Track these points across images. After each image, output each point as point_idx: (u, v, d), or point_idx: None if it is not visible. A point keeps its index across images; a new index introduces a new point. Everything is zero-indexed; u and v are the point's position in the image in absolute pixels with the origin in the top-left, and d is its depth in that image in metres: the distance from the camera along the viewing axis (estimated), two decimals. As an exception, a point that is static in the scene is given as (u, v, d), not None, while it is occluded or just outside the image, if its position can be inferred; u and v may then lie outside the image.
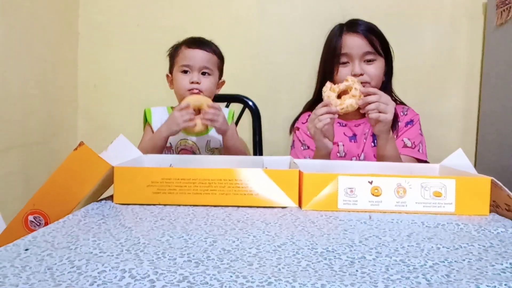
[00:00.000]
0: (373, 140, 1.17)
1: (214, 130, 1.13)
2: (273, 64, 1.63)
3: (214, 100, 1.34)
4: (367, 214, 0.69)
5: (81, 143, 0.72)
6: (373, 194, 0.71)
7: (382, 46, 1.15)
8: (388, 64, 1.18)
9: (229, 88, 1.30)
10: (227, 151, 1.15)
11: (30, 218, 0.71)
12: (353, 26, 1.16)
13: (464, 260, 0.49)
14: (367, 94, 0.98)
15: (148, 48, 1.64)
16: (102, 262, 0.45)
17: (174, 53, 1.21)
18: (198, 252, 0.50)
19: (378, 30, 1.17)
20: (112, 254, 0.48)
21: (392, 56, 1.20)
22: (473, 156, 1.56)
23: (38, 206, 0.71)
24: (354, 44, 1.13)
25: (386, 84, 1.19)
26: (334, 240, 0.55)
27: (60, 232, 0.57)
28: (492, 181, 0.70)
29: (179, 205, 0.72)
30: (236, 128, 1.31)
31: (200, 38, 1.20)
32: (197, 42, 1.18)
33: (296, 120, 1.27)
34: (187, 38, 1.21)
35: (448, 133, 1.60)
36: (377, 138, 1.05)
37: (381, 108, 0.96)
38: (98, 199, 0.77)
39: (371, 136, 1.18)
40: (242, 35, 1.63)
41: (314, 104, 1.12)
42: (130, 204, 0.73)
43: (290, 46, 1.62)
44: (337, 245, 0.53)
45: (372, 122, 1.00)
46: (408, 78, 1.56)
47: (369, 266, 0.46)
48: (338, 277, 0.43)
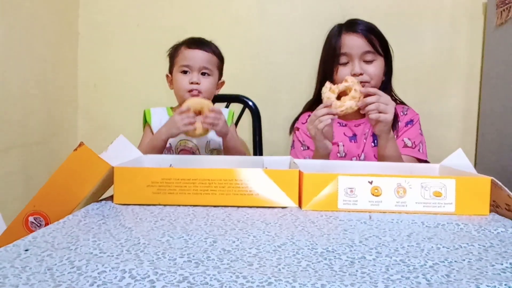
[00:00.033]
0: (373, 140, 1.17)
1: (214, 132, 1.13)
2: (273, 64, 1.63)
3: (214, 100, 1.34)
4: (367, 214, 0.69)
5: (81, 144, 0.72)
6: (373, 194, 0.71)
7: (381, 45, 1.15)
8: (387, 63, 1.18)
9: (229, 88, 1.30)
10: (227, 152, 1.15)
11: (31, 219, 0.71)
12: (352, 25, 1.16)
13: (464, 260, 0.49)
14: (367, 95, 0.98)
15: (148, 48, 1.64)
16: (102, 262, 0.45)
17: (174, 53, 1.21)
18: (198, 252, 0.50)
19: (377, 29, 1.17)
20: (112, 255, 0.48)
21: (391, 55, 1.19)
22: (473, 156, 1.56)
23: (38, 207, 0.71)
24: (354, 43, 1.13)
25: (386, 84, 1.19)
26: (334, 240, 0.55)
27: (60, 232, 0.57)
28: (492, 181, 0.70)
29: (179, 205, 0.72)
30: (235, 128, 1.31)
31: (200, 39, 1.20)
32: (197, 43, 1.18)
33: (296, 120, 1.27)
34: (187, 38, 1.21)
35: (448, 133, 1.60)
36: (378, 138, 1.05)
37: (381, 108, 0.96)
38: (98, 200, 0.77)
39: (371, 136, 1.18)
40: (242, 35, 1.63)
41: (314, 104, 1.12)
42: (130, 204, 0.73)
43: (290, 46, 1.62)
44: (337, 245, 0.53)
45: (372, 122, 1.00)
46: (408, 78, 1.56)
47: (369, 266, 0.46)
48: (338, 277, 0.43)
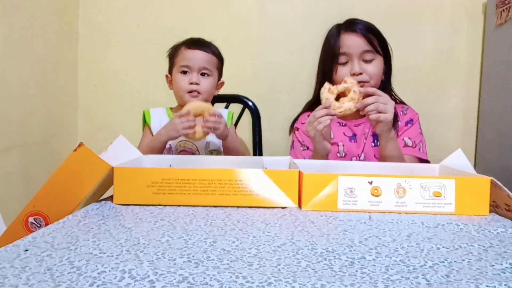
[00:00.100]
0: (373, 140, 1.17)
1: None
2: (273, 64, 1.63)
3: (213, 100, 1.34)
4: (367, 214, 0.69)
5: (80, 144, 0.72)
6: (373, 194, 0.71)
7: (380, 44, 1.15)
8: (387, 63, 1.18)
9: (229, 88, 1.30)
10: (227, 153, 1.15)
11: (31, 219, 0.71)
12: (351, 25, 1.16)
13: (464, 260, 0.49)
14: (367, 95, 0.99)
15: (148, 48, 1.64)
16: (102, 262, 0.45)
17: (173, 53, 1.21)
18: (198, 252, 0.50)
19: (376, 29, 1.17)
20: (112, 255, 0.48)
21: (391, 55, 1.19)
22: (473, 156, 1.56)
23: (38, 207, 0.71)
24: (353, 43, 1.13)
25: (385, 83, 1.19)
26: (334, 240, 0.55)
27: (60, 232, 0.57)
28: (492, 181, 0.70)
29: (179, 205, 0.72)
30: (235, 129, 1.31)
31: (199, 39, 1.20)
32: (196, 43, 1.18)
33: (295, 120, 1.27)
34: (187, 39, 1.21)
35: (448, 133, 1.60)
36: (379, 137, 1.05)
37: (380, 108, 0.97)
38: (98, 200, 0.77)
39: (372, 136, 1.18)
40: (242, 35, 1.63)
41: (314, 104, 1.12)
42: (130, 204, 0.73)
43: (290, 46, 1.62)
44: (337, 245, 0.53)
45: (373, 122, 1.00)
46: (408, 78, 1.56)
47: (369, 266, 0.46)
48: (338, 277, 0.43)
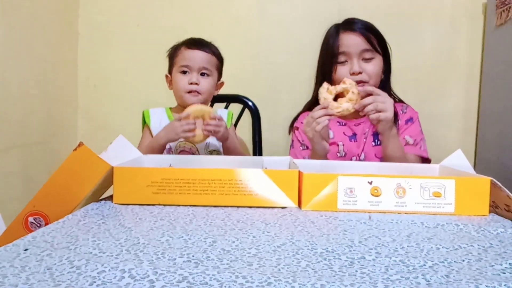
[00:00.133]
0: (374, 139, 1.17)
1: None
2: (273, 64, 1.63)
3: (213, 100, 1.34)
4: (367, 215, 0.69)
5: (80, 144, 0.72)
6: (372, 195, 0.71)
7: (379, 43, 1.15)
8: (386, 62, 1.18)
9: (229, 88, 1.30)
10: (227, 154, 1.15)
11: (30, 219, 0.71)
12: (350, 24, 1.16)
13: (463, 260, 0.49)
14: (366, 95, 0.99)
15: (148, 48, 1.64)
16: (102, 262, 0.45)
17: (173, 53, 1.21)
18: (198, 252, 0.50)
19: (375, 28, 1.16)
20: (111, 254, 0.48)
21: (390, 54, 1.19)
22: (473, 156, 1.56)
23: (38, 207, 0.71)
24: (352, 42, 1.13)
25: (385, 82, 1.19)
26: (333, 240, 0.55)
27: (59, 232, 0.57)
28: (491, 181, 0.70)
29: (179, 205, 0.72)
30: (235, 130, 1.31)
31: (199, 39, 1.20)
32: (196, 43, 1.18)
33: (295, 119, 1.27)
34: (187, 39, 1.21)
35: (448, 133, 1.60)
36: (381, 136, 1.05)
37: (379, 107, 0.97)
38: (98, 200, 0.77)
39: (372, 135, 1.18)
40: (242, 35, 1.63)
41: (313, 104, 1.12)
42: (129, 204, 0.73)
43: (290, 46, 1.62)
44: (336, 245, 0.53)
45: (374, 122, 1.00)
46: (408, 78, 1.56)
47: (368, 266, 0.46)
48: (337, 277, 0.43)
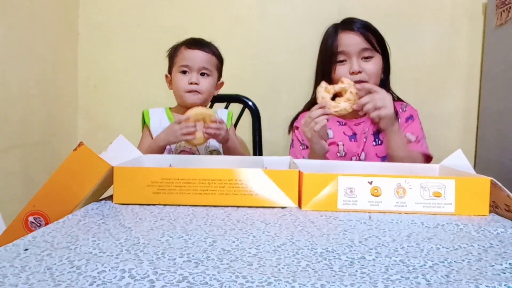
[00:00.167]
0: (374, 139, 1.17)
1: None
2: (273, 64, 1.63)
3: (213, 100, 1.34)
4: (367, 215, 0.69)
5: (80, 143, 0.72)
6: (372, 195, 0.71)
7: (378, 43, 1.15)
8: (385, 61, 1.18)
9: (229, 88, 1.30)
10: (227, 154, 1.15)
11: (30, 219, 0.71)
12: (348, 24, 1.16)
13: (463, 260, 0.49)
14: (367, 92, 0.99)
15: (148, 48, 1.64)
16: (102, 262, 0.45)
17: (173, 53, 1.21)
18: (198, 252, 0.50)
19: (374, 27, 1.16)
20: (111, 254, 0.48)
21: (389, 53, 1.19)
22: (473, 156, 1.56)
23: (38, 207, 0.71)
24: (351, 41, 1.13)
25: (384, 82, 1.19)
26: (333, 240, 0.55)
27: (59, 232, 0.57)
28: (491, 181, 0.70)
29: (179, 205, 0.72)
30: (234, 130, 1.31)
31: (199, 39, 1.20)
32: (196, 43, 1.18)
33: (295, 119, 1.27)
34: (187, 39, 1.21)
35: (448, 133, 1.60)
36: (385, 133, 1.05)
37: (378, 105, 0.97)
38: (98, 199, 0.77)
39: (372, 135, 1.18)
40: (242, 35, 1.63)
41: (313, 104, 1.12)
42: (130, 204, 0.73)
43: (290, 46, 1.62)
44: (336, 245, 0.53)
45: (375, 120, 1.00)
46: (408, 78, 1.56)
47: (368, 266, 0.46)
48: (337, 277, 0.43)
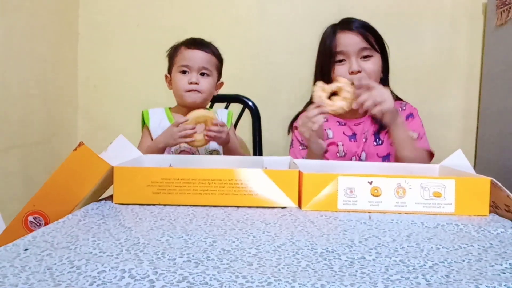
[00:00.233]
0: (375, 139, 1.18)
1: None
2: (273, 64, 1.63)
3: (213, 100, 1.34)
4: (367, 215, 0.69)
5: (80, 143, 0.72)
6: (372, 195, 0.71)
7: (377, 42, 1.15)
8: (384, 60, 1.18)
9: (229, 88, 1.30)
10: (228, 154, 1.15)
11: (30, 218, 0.71)
12: (347, 24, 1.16)
13: (463, 260, 0.49)
14: (366, 89, 1.00)
15: (148, 48, 1.64)
16: (102, 262, 0.45)
17: (173, 53, 1.21)
18: (198, 252, 0.50)
19: (372, 27, 1.16)
20: (111, 254, 0.48)
21: (387, 52, 1.19)
22: (473, 156, 1.56)
23: (38, 206, 0.71)
24: (349, 41, 1.13)
25: (383, 81, 1.19)
26: (333, 240, 0.55)
27: (59, 232, 0.57)
28: (491, 181, 0.70)
29: (179, 205, 0.72)
30: (234, 130, 1.31)
31: (199, 39, 1.20)
32: (196, 43, 1.18)
33: (294, 119, 1.27)
34: (187, 39, 1.21)
35: (448, 133, 1.60)
36: (389, 128, 1.06)
37: (378, 100, 0.98)
38: (98, 199, 0.77)
39: (373, 135, 1.18)
40: (242, 35, 1.63)
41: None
42: (129, 204, 0.73)
43: (290, 46, 1.62)
44: (336, 245, 0.53)
45: (378, 116, 1.01)
46: (408, 78, 1.56)
47: (368, 266, 0.46)
48: (337, 277, 0.43)
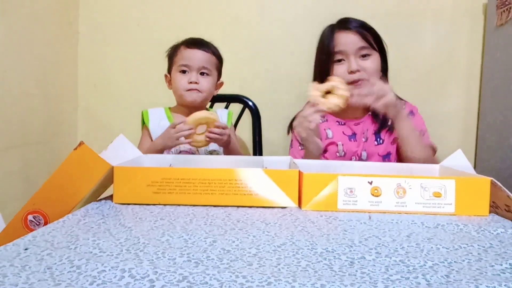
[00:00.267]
0: (375, 138, 1.18)
1: None
2: (273, 64, 1.63)
3: (213, 100, 1.34)
4: (367, 215, 0.69)
5: (81, 143, 0.72)
6: (373, 195, 0.71)
7: (375, 41, 1.15)
8: (383, 59, 1.17)
9: (229, 88, 1.30)
10: (227, 154, 1.15)
11: (30, 217, 0.71)
12: (344, 23, 1.16)
13: (463, 260, 0.49)
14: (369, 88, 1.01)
15: (148, 48, 1.64)
16: (102, 261, 0.45)
17: (173, 53, 1.21)
18: (198, 252, 0.50)
19: (370, 26, 1.16)
20: (111, 254, 0.48)
21: (386, 51, 1.19)
22: (473, 156, 1.56)
23: (38, 205, 0.71)
24: (348, 40, 1.13)
25: (383, 80, 1.19)
26: (334, 240, 0.55)
27: (59, 231, 0.57)
28: (491, 181, 0.70)
29: (179, 205, 0.72)
30: (234, 130, 1.31)
31: (199, 39, 1.21)
32: (196, 43, 1.18)
33: (294, 119, 1.27)
34: (186, 38, 1.21)
35: (448, 133, 1.60)
36: (395, 122, 1.06)
37: (379, 94, 0.98)
38: (98, 199, 0.77)
39: (373, 135, 1.18)
40: (242, 35, 1.63)
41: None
42: (130, 204, 0.73)
43: (290, 46, 1.62)
44: (336, 245, 0.53)
45: (382, 110, 1.01)
46: (408, 78, 1.56)
47: (368, 266, 0.46)
48: (337, 277, 0.43)
